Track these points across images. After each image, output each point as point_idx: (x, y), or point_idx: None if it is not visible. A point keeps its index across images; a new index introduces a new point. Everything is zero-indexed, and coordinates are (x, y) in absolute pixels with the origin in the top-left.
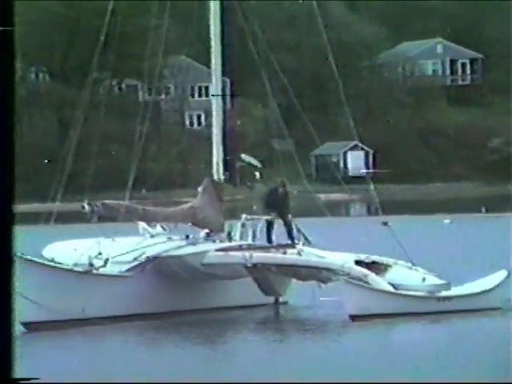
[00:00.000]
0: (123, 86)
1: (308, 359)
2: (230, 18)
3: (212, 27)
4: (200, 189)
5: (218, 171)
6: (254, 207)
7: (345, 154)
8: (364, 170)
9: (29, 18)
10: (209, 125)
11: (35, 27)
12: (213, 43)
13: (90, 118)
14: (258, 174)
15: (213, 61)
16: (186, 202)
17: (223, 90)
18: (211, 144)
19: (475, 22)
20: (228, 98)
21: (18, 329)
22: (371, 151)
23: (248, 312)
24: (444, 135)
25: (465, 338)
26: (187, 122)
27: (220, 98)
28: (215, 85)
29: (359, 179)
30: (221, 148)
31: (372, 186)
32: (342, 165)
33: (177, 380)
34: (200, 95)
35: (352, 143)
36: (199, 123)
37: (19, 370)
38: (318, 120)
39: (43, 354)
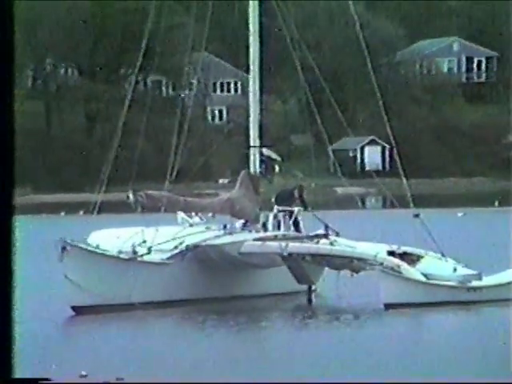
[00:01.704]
0: (148, 81)
1: (343, 346)
2: (267, 18)
3: (251, 26)
4: (228, 182)
5: (254, 164)
6: (273, 199)
7: (362, 148)
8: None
9: (57, 15)
10: (230, 120)
11: (64, 25)
12: (251, 41)
13: (117, 112)
14: (277, 167)
15: (251, 57)
16: (208, 194)
17: (245, 86)
18: (232, 138)
19: (491, 21)
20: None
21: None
22: (388, 146)
23: (282, 299)
24: (460, 132)
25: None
26: (209, 117)
27: (258, 93)
28: (253, 80)
29: (375, 173)
30: (257, 142)
31: (405, 180)
32: (358, 159)
33: (215, 362)
34: (222, 91)
35: (369, 138)
36: (221, 118)
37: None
38: (336, 115)
39: (92, 335)
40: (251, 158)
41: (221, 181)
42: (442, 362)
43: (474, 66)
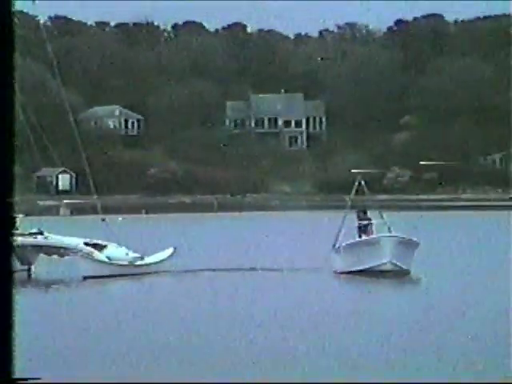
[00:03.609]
0: None
1: (57, 304)
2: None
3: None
4: None
5: None
6: None
7: (57, 175)
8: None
9: None
10: None
11: None
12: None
13: None
14: None
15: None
16: None
17: None
18: None
19: (141, 95)
20: None
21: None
22: (74, 174)
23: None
24: (121, 167)
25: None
26: None
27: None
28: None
29: (65, 192)
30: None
31: (95, 196)
32: (54, 182)
33: None
34: None
35: (61, 169)
36: None
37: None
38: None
39: None
40: None
41: None
42: (122, 311)
43: (130, 124)
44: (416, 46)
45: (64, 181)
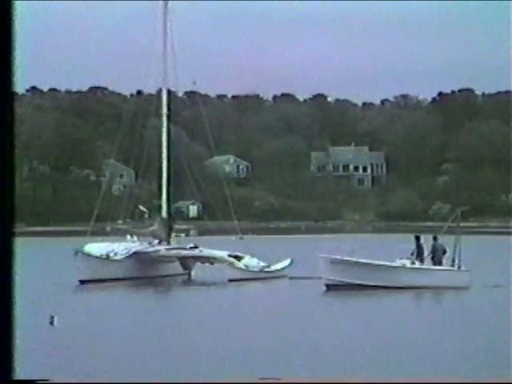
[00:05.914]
0: (84, 173)
1: (212, 298)
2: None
3: (164, 144)
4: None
5: (164, 213)
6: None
7: (188, 206)
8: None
9: None
10: (126, 191)
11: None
12: (163, 154)
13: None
14: (146, 215)
15: (164, 163)
16: (120, 229)
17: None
18: (123, 200)
19: (249, 147)
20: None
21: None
22: (201, 205)
23: (177, 277)
24: (234, 201)
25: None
26: (113, 190)
27: (167, 177)
28: (165, 172)
29: (194, 219)
30: (165, 202)
31: (236, 222)
32: (186, 212)
33: (150, 310)
34: (120, 177)
35: (190, 202)
36: (120, 191)
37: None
38: (177, 190)
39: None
40: (163, 211)
41: (119, 221)
42: (260, 308)
43: (240, 170)
44: (453, 112)
45: (193, 210)
